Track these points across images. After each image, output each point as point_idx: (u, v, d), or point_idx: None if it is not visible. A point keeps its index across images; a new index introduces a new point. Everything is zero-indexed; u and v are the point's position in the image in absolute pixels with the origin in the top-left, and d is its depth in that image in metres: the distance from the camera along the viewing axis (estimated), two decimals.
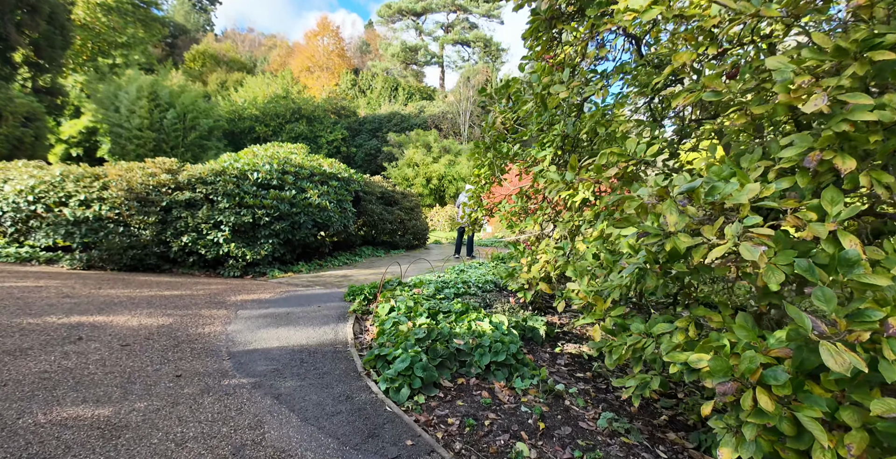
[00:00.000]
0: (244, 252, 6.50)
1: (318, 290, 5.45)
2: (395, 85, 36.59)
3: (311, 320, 4.00)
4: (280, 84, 28.93)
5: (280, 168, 7.34)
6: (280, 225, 6.83)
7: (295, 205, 7.11)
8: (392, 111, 32.09)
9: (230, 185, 6.65)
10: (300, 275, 6.84)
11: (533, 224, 4.65)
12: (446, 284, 5.83)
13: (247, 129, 25.92)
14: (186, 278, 6.05)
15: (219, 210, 6.52)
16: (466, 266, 7.35)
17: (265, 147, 8.43)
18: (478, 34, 35.95)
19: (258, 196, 6.83)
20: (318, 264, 7.74)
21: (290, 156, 7.96)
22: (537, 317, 4.41)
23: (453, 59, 38.50)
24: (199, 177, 6.69)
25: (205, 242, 6.36)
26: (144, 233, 6.16)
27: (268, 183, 7.13)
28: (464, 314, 4.26)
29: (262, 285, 5.80)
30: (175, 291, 4.99)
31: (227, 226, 6.45)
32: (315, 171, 7.83)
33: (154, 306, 4.22)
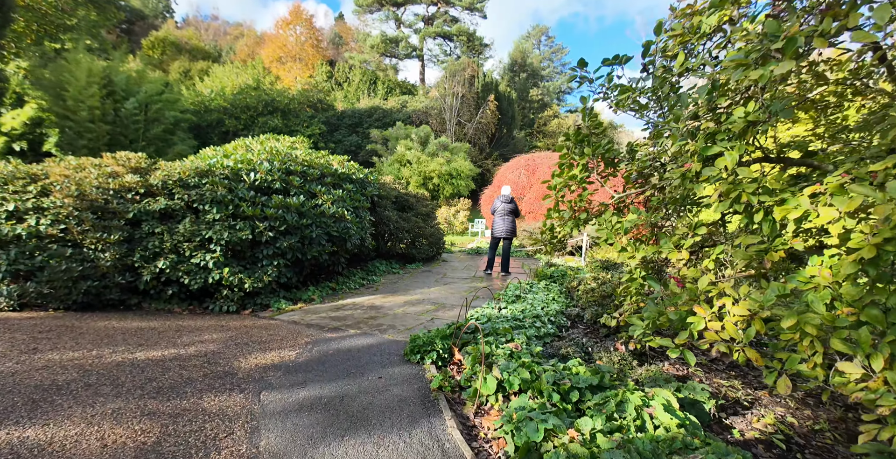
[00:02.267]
0: (241, 279, 4.88)
1: (357, 338, 3.93)
2: (374, 78, 34.68)
3: (384, 412, 2.51)
4: (251, 74, 26.61)
5: (283, 167, 5.73)
6: (287, 241, 5.23)
7: (304, 214, 5.52)
8: (373, 105, 30.27)
9: (221, 190, 5.00)
10: (314, 307, 5.27)
11: (672, 250, 3.27)
12: (520, 322, 4.44)
13: (214, 123, 23.58)
14: (164, 320, 4.39)
15: (206, 223, 4.87)
16: (516, 288, 5.97)
17: (260, 139, 6.76)
18: (460, 28, 34.46)
19: (258, 203, 5.21)
20: (331, 288, 6.17)
21: (292, 150, 6.34)
22: (671, 378, 3.09)
23: (435, 53, 36.88)
24: (178, 179, 5.01)
25: (188, 267, 4.71)
26: (103, 257, 4.45)
27: (269, 186, 5.51)
28: (602, 388, 2.89)
29: (273, 328, 4.22)
30: (152, 351, 3.36)
31: (219, 244, 4.82)
32: (325, 171, 6.25)
33: (123, 392, 2.62)
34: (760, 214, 2.53)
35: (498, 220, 7.42)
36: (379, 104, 30.82)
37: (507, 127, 28.50)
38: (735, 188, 2.50)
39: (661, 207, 3.80)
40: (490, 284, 6.80)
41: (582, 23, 79.44)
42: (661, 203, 3.71)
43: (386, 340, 3.87)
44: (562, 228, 4.25)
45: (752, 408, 3.32)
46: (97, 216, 4.58)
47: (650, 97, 3.84)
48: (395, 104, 30.74)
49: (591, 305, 5.15)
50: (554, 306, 5.25)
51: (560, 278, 6.82)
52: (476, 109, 26.73)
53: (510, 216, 7.40)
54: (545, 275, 6.88)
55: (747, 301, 2.48)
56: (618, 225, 3.55)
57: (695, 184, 2.87)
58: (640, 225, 3.47)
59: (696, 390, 3.14)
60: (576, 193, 4.33)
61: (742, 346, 2.57)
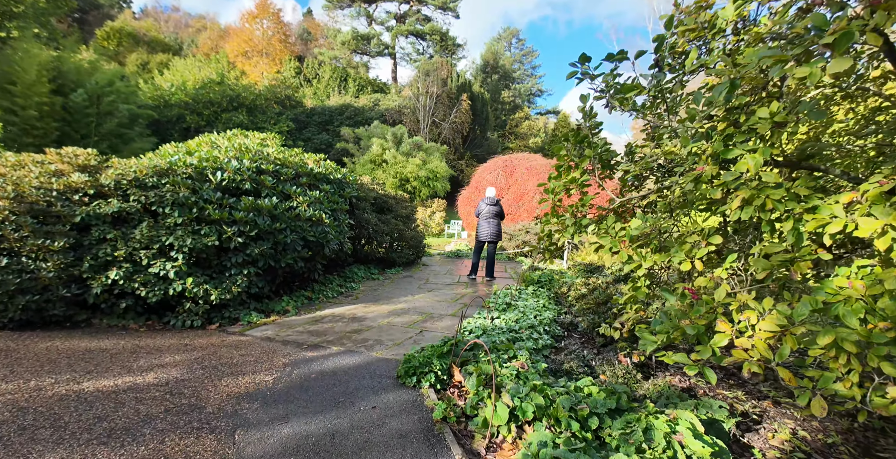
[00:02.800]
0: (207, 290, 4.40)
1: (342, 357, 3.54)
2: (345, 75, 33.91)
3: (384, 453, 2.16)
4: (214, 68, 25.41)
5: (254, 165, 5.26)
6: (259, 247, 4.77)
7: (278, 218, 5.07)
8: (343, 103, 29.56)
9: (183, 191, 4.50)
10: (289, 320, 4.83)
11: (683, 259, 3.05)
12: (517, 334, 4.17)
13: (175, 118, 22.36)
14: (118, 338, 3.87)
15: (167, 228, 4.36)
16: (505, 295, 5.70)
17: (227, 135, 6.23)
18: (433, 27, 34.09)
19: (225, 206, 4.73)
20: (306, 297, 5.72)
21: (262, 148, 5.86)
22: (683, 395, 2.90)
23: (407, 51, 36.35)
24: (134, 179, 4.47)
25: (145, 278, 4.19)
26: (45, 268, 3.88)
27: (238, 187, 5.04)
28: (620, 411, 2.65)
29: (244, 346, 3.78)
30: (104, 379, 2.88)
31: (181, 251, 4.32)
32: (301, 171, 5.80)
33: (66, 437, 2.17)
34: (790, 223, 2.33)
35: (483, 223, 7.14)
36: (350, 102, 30.12)
37: (480, 127, 28.39)
38: (759, 194, 2.30)
39: (669, 212, 3.60)
40: (476, 290, 6.52)
41: (551, 26, 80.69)
42: (667, 208, 3.50)
43: (374, 358, 3.51)
44: (561, 234, 4.00)
45: (763, 422, 3.16)
46: (38, 220, 4.01)
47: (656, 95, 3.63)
48: (367, 102, 30.12)
49: (586, 313, 4.94)
50: (547, 314, 5.01)
51: (548, 283, 6.61)
52: (450, 109, 26.49)
53: (495, 219, 7.14)
54: (532, 280, 6.65)
55: (774, 315, 2.27)
56: (621, 231, 3.31)
57: (710, 189, 2.66)
58: (646, 232, 3.23)
59: (712, 407, 2.95)
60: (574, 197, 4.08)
61: (774, 365, 2.36)
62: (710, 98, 2.69)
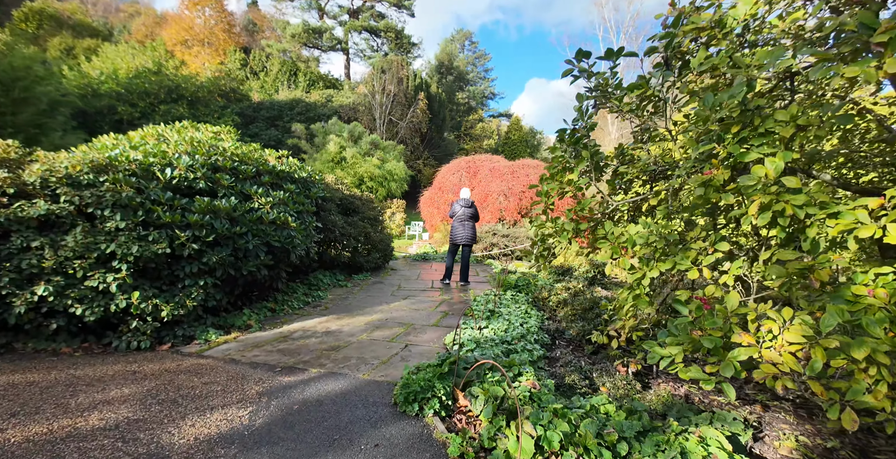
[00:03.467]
0: (157, 305, 3.80)
1: (325, 382, 3.11)
2: (295, 69, 32.46)
3: None
4: (150, 56, 23.38)
5: (209, 162, 4.67)
6: (217, 254, 4.21)
7: (237, 221, 4.52)
8: (294, 98, 28.28)
9: (127, 190, 3.87)
10: (253, 336, 4.30)
11: (690, 267, 2.90)
12: (510, 346, 3.93)
13: (105, 109, 20.34)
14: (48, 368, 3.21)
15: (107, 233, 3.72)
16: (487, 302, 5.44)
17: (176, 127, 5.53)
18: (388, 24, 33.38)
19: (177, 208, 4.13)
20: (269, 309, 5.17)
21: (216, 142, 5.24)
22: (693, 407, 2.78)
23: (361, 47, 35.35)
24: (65, 176, 3.77)
25: (81, 293, 3.53)
26: None
27: (190, 186, 4.44)
28: (644, 432, 2.45)
29: (206, 371, 3.25)
30: (34, 424, 2.30)
31: (125, 261, 3.70)
32: (262, 168, 5.24)
33: None
34: (814, 229, 2.21)
35: (458, 226, 6.85)
36: (301, 97, 28.87)
37: (437, 128, 28.14)
38: (779, 199, 2.16)
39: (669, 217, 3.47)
40: (453, 297, 6.22)
41: (503, 30, 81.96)
42: (666, 213, 3.35)
43: (362, 382, 3.11)
44: (557, 239, 3.78)
45: (763, 428, 3.11)
46: None
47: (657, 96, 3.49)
48: (319, 98, 28.99)
49: (574, 320, 4.78)
50: (532, 321, 4.80)
51: (525, 287, 6.43)
52: (407, 108, 26.02)
53: (471, 221, 6.87)
54: (510, 285, 6.45)
55: (798, 326, 2.14)
56: (621, 237, 3.13)
57: (721, 194, 2.52)
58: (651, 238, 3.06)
59: (726, 420, 2.84)
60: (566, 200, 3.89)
61: (804, 379, 2.23)
62: (718, 99, 2.54)
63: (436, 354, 3.75)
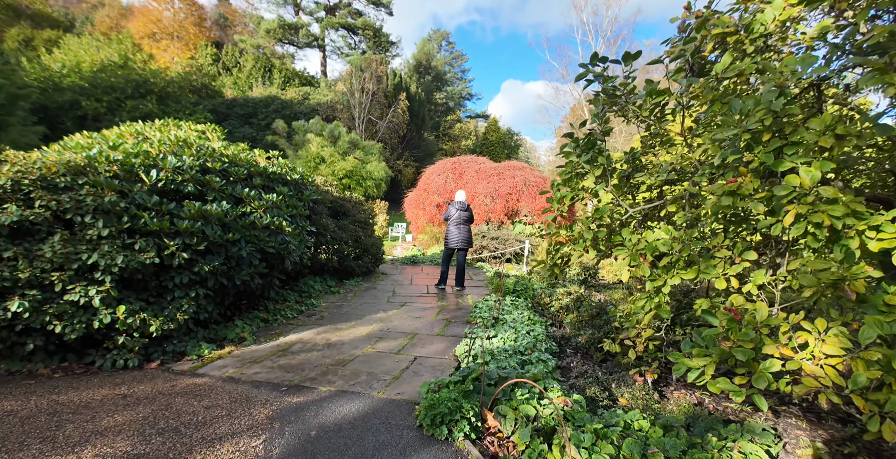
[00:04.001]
0: (145, 320, 3.49)
1: (338, 402, 2.90)
2: (269, 65, 31.60)
3: None
4: (116, 49, 22.26)
5: (197, 163, 4.36)
6: (209, 263, 3.91)
7: (230, 227, 4.23)
8: (269, 95, 27.54)
9: (109, 194, 3.54)
10: (249, 350, 4.03)
11: (718, 276, 2.82)
12: (524, 357, 3.80)
13: (68, 105, 19.25)
14: (26, 394, 2.86)
15: (88, 242, 3.39)
16: (489, 308, 5.30)
17: (157, 125, 5.15)
18: (366, 22, 32.85)
19: (165, 213, 3.82)
20: (262, 319, 4.87)
21: (202, 142, 4.91)
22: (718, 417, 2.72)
23: (338, 45, 34.65)
24: (39, 178, 3.41)
25: (60, 308, 3.19)
26: None
27: (178, 189, 4.13)
28: (687, 450, 2.35)
29: (205, 393, 2.98)
30: None
31: (109, 272, 3.38)
32: (254, 170, 4.94)
33: None
34: (855, 241, 2.15)
35: (453, 229, 6.68)
36: (276, 94, 28.12)
37: (417, 128, 27.87)
38: (815, 209, 2.10)
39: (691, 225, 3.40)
40: (451, 303, 6.04)
41: (479, 32, 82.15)
42: (686, 219, 3.27)
43: (378, 401, 2.91)
44: (573, 248, 3.66)
45: (780, 435, 3.07)
46: None
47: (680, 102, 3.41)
48: (295, 95, 28.30)
49: (583, 327, 4.69)
50: (538, 329, 4.68)
51: (523, 292, 6.32)
52: (387, 108, 25.66)
53: (466, 225, 6.72)
54: (508, 290, 6.32)
55: (834, 337, 2.08)
56: (639, 244, 3.04)
57: (749, 202, 2.44)
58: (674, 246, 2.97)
59: (756, 431, 2.78)
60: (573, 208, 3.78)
61: (847, 393, 2.17)
62: (745, 106, 2.46)
63: (450, 367, 3.58)
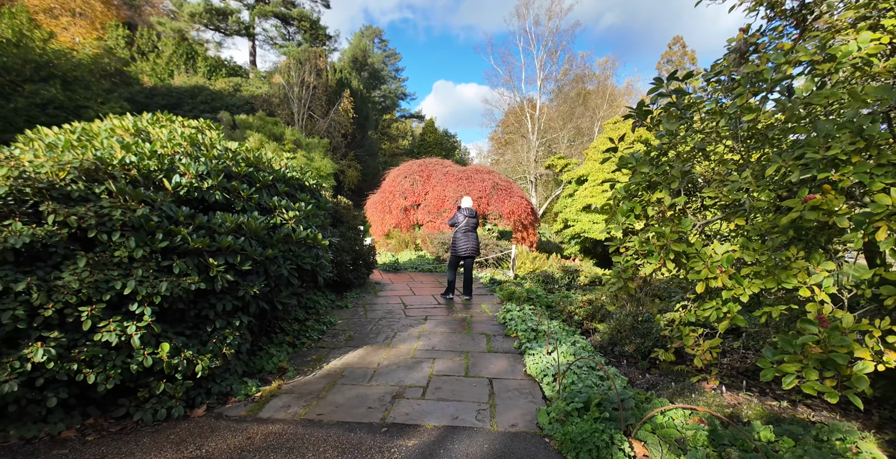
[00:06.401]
0: (190, 359, 2.87)
1: (457, 442, 2.56)
2: (192, 52, 28.76)
3: None
4: (8, 25, 18.91)
5: (221, 166, 3.72)
6: (254, 285, 3.34)
7: (265, 242, 3.66)
8: (196, 84, 25.07)
9: (137, 206, 2.87)
10: (297, 383, 3.51)
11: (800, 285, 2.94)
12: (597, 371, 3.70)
13: None
14: None
15: (116, 264, 2.71)
16: (522, 319, 5.14)
17: (150, 119, 4.30)
18: (302, 12, 31.07)
19: (201, 227, 3.20)
20: (289, 344, 4.29)
21: (219, 141, 4.21)
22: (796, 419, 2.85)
23: (272, 35, 32.35)
24: (47, 185, 2.66)
25: (91, 352, 2.51)
26: None
27: (203, 198, 3.49)
28: None
29: (288, 446, 2.49)
30: None
31: (149, 303, 2.73)
32: (276, 175, 4.34)
33: None
34: None
35: (461, 237, 6.43)
36: (204, 83, 25.67)
37: (360, 126, 26.93)
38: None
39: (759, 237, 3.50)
40: (471, 314, 5.80)
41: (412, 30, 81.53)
42: (756, 232, 3.37)
43: (499, 435, 2.63)
44: (647, 261, 3.62)
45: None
46: None
47: None
48: (225, 86, 26.03)
49: (628, 336, 4.70)
50: (581, 340, 4.63)
51: (537, 299, 6.25)
52: (329, 104, 24.49)
53: (474, 232, 6.50)
54: (523, 298, 6.22)
55: None
56: (714, 256, 3.09)
57: (834, 217, 2.56)
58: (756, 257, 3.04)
59: (841, 430, 2.90)
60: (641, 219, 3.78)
61: None
62: (829, 130, 2.56)
63: (533, 388, 3.40)
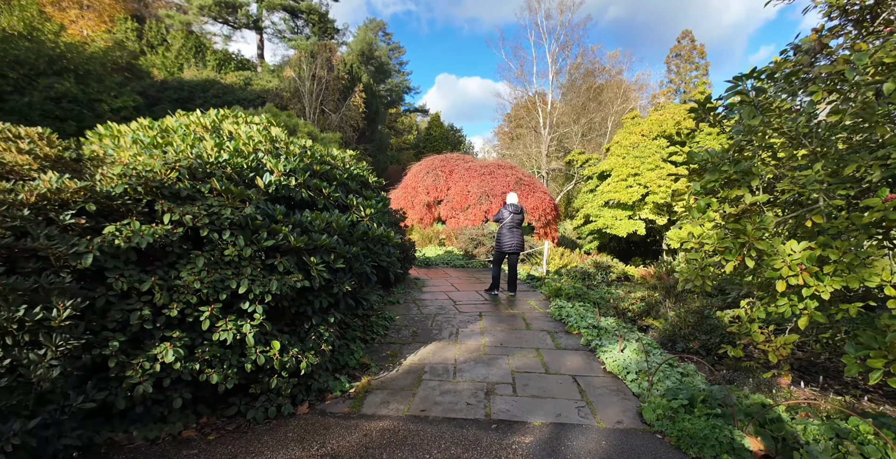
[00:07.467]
0: (297, 355, 2.89)
1: (570, 438, 2.59)
2: (201, 45, 28.56)
3: None
4: (19, 17, 18.75)
5: (304, 164, 3.72)
6: (345, 283, 3.36)
7: (348, 239, 3.67)
8: (207, 78, 24.95)
9: (243, 205, 2.88)
10: (384, 379, 3.54)
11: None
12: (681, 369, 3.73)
13: None
14: None
15: (227, 264, 2.71)
16: (579, 316, 5.17)
17: (214, 115, 4.28)
18: (311, 5, 30.78)
19: (297, 225, 3.21)
20: (361, 340, 4.32)
21: (290, 140, 4.20)
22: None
23: (280, 28, 32.10)
24: (157, 184, 2.66)
25: (212, 351, 2.52)
26: (41, 360, 1.97)
27: (290, 196, 3.50)
28: None
29: (412, 441, 2.52)
30: None
31: (259, 302, 2.74)
32: (348, 172, 4.33)
33: None
34: None
35: (506, 233, 6.44)
36: (214, 77, 25.54)
37: (370, 121, 26.81)
38: None
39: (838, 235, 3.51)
40: (522, 310, 5.82)
41: (415, 22, 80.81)
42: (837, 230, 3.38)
43: (610, 433, 2.66)
44: (723, 258, 3.63)
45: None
46: (7, 268, 2.04)
47: None
48: (236, 80, 25.89)
49: (693, 332, 4.73)
50: (642, 335, 4.67)
51: (584, 296, 6.28)
52: (341, 98, 24.37)
53: (519, 228, 6.51)
54: (571, 295, 6.25)
55: None
56: (792, 254, 3.11)
57: None
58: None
59: None
60: None
61: None
62: None
63: (618, 385, 3.44)
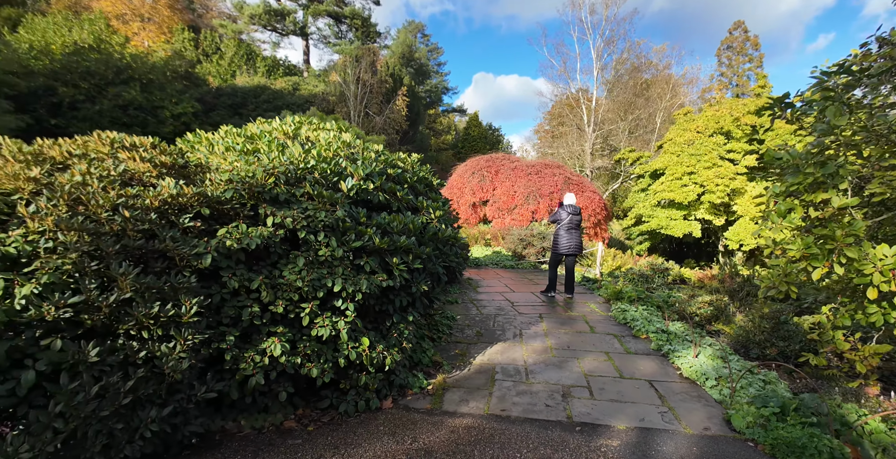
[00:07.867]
0: (382, 351, 3.00)
1: (659, 443, 2.58)
2: (251, 53, 29.83)
3: None
4: (89, 30, 20.23)
5: (380, 168, 3.85)
6: (420, 282, 3.46)
7: (421, 240, 3.77)
8: (258, 84, 26.02)
9: (334, 208, 3.02)
10: (460, 377, 3.61)
11: None
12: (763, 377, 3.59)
13: (41, 90, 17.28)
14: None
15: (321, 263, 2.85)
16: (645, 321, 5.07)
17: (295, 120, 4.50)
18: (354, 10, 31.56)
19: (379, 226, 3.33)
20: (429, 337, 4.42)
21: (364, 145, 4.36)
22: None
23: (325, 34, 33.07)
24: (260, 189, 2.83)
25: (312, 346, 2.67)
26: (171, 353, 2.15)
27: (369, 199, 3.63)
28: None
29: (498, 439, 2.57)
30: None
31: (351, 300, 2.87)
32: (416, 175, 4.45)
33: None
34: None
35: (563, 234, 6.39)
36: (264, 83, 26.60)
37: (412, 122, 27.18)
38: None
39: None
40: (582, 312, 5.77)
41: (452, 22, 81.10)
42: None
43: (698, 439, 2.61)
44: (809, 264, 3.46)
45: None
46: (138, 267, 2.24)
47: None
48: (285, 85, 26.86)
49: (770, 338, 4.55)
50: (713, 341, 4.52)
51: (647, 299, 6.15)
52: (384, 100, 24.84)
53: (577, 229, 6.44)
54: (633, 297, 6.13)
55: None
56: (885, 259, 2.90)
57: None
58: None
59: None
60: None
61: None
62: None
63: (698, 390, 3.36)
